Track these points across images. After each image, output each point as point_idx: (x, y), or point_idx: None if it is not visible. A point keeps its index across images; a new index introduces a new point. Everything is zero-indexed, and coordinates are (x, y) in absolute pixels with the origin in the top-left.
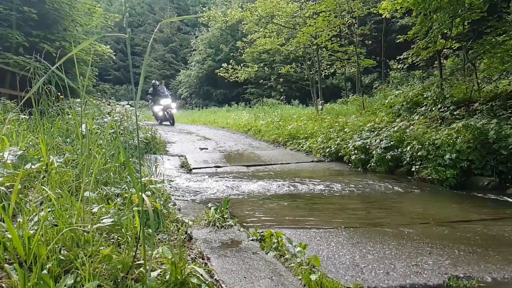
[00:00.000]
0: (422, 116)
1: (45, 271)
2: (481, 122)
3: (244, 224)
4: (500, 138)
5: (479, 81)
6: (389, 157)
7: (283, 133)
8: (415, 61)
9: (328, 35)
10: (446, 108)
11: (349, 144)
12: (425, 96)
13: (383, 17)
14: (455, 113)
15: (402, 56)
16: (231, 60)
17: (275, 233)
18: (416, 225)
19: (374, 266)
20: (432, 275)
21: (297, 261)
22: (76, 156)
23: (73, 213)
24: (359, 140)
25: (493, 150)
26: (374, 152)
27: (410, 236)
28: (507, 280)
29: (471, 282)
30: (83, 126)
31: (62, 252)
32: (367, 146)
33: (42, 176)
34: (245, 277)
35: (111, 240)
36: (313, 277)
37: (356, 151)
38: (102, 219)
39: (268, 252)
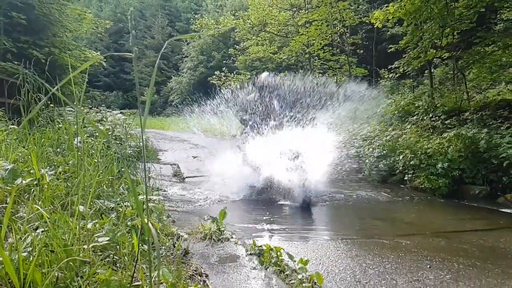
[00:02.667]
0: (414, 125)
1: None
2: (472, 132)
3: (238, 231)
4: (490, 147)
5: (468, 90)
6: (382, 166)
7: None
8: (406, 71)
9: (320, 44)
10: (437, 118)
11: (342, 153)
12: (416, 105)
13: (374, 26)
14: (446, 122)
15: (394, 65)
16: (224, 68)
17: (274, 248)
18: (412, 236)
19: (376, 282)
20: None
21: (298, 277)
22: (68, 168)
23: (67, 231)
24: (352, 149)
25: (484, 159)
26: (367, 160)
27: (408, 248)
28: None
29: None
30: (78, 138)
31: (58, 276)
32: (360, 155)
33: (32, 190)
34: None
35: (107, 259)
36: None
37: (349, 160)
38: (97, 236)
39: (268, 267)
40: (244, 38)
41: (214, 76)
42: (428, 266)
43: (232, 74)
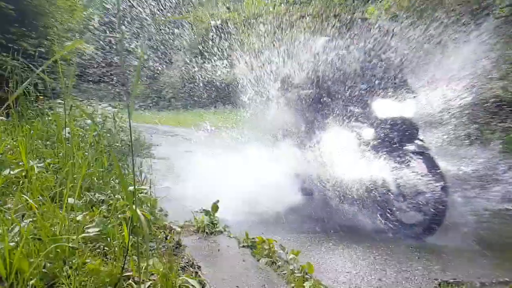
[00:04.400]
0: None
1: None
2: None
3: (230, 225)
4: None
5: None
6: None
7: None
8: None
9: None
10: None
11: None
12: None
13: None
14: None
15: None
16: (218, 61)
17: (266, 240)
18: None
19: (365, 273)
20: (423, 281)
21: (289, 268)
22: (57, 160)
23: (56, 222)
24: None
25: None
26: None
27: (398, 240)
28: (495, 285)
29: (461, 287)
30: (67, 129)
31: (46, 265)
32: None
33: (21, 182)
34: (237, 286)
35: (97, 250)
36: (307, 284)
37: None
38: (87, 228)
39: (260, 259)
40: (239, 31)
41: (208, 70)
42: (417, 257)
43: (226, 67)
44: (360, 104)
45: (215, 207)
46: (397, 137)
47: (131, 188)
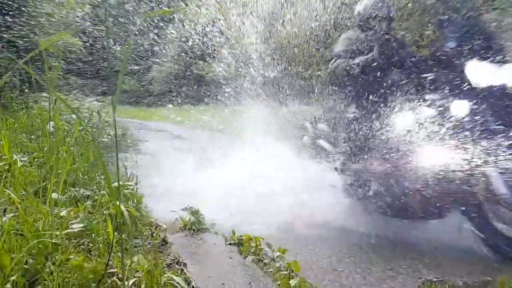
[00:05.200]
0: None
1: (8, 285)
2: None
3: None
4: None
5: None
6: None
7: None
8: None
9: (305, 36)
10: None
11: None
12: None
13: None
14: None
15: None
16: (207, 58)
17: (253, 238)
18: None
19: (351, 271)
20: (407, 280)
21: (276, 266)
22: (42, 154)
23: (39, 217)
24: None
25: None
26: None
27: (385, 238)
28: (477, 285)
29: (444, 286)
30: (51, 123)
31: (28, 261)
32: None
33: (4, 176)
34: (223, 283)
35: (81, 246)
36: (292, 282)
37: None
38: (71, 223)
39: (247, 256)
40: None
41: (198, 66)
42: (403, 257)
43: (216, 64)
44: (442, 69)
45: (197, 211)
46: (499, 115)
47: (115, 184)
